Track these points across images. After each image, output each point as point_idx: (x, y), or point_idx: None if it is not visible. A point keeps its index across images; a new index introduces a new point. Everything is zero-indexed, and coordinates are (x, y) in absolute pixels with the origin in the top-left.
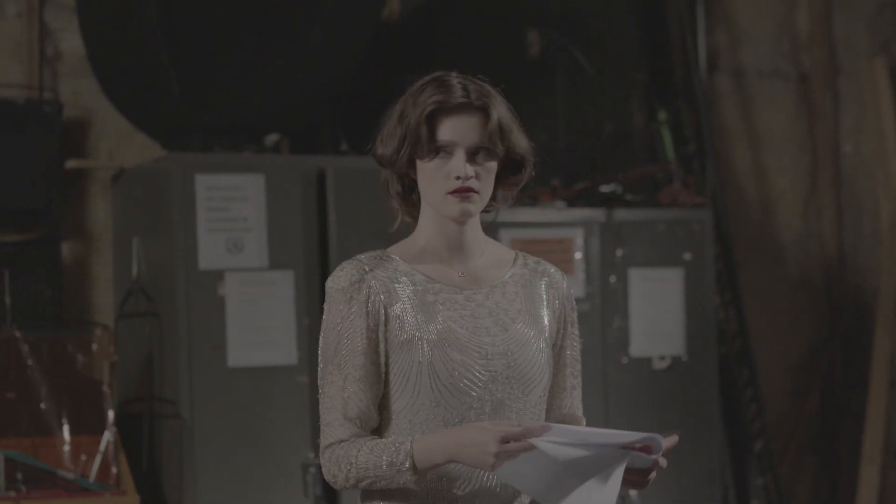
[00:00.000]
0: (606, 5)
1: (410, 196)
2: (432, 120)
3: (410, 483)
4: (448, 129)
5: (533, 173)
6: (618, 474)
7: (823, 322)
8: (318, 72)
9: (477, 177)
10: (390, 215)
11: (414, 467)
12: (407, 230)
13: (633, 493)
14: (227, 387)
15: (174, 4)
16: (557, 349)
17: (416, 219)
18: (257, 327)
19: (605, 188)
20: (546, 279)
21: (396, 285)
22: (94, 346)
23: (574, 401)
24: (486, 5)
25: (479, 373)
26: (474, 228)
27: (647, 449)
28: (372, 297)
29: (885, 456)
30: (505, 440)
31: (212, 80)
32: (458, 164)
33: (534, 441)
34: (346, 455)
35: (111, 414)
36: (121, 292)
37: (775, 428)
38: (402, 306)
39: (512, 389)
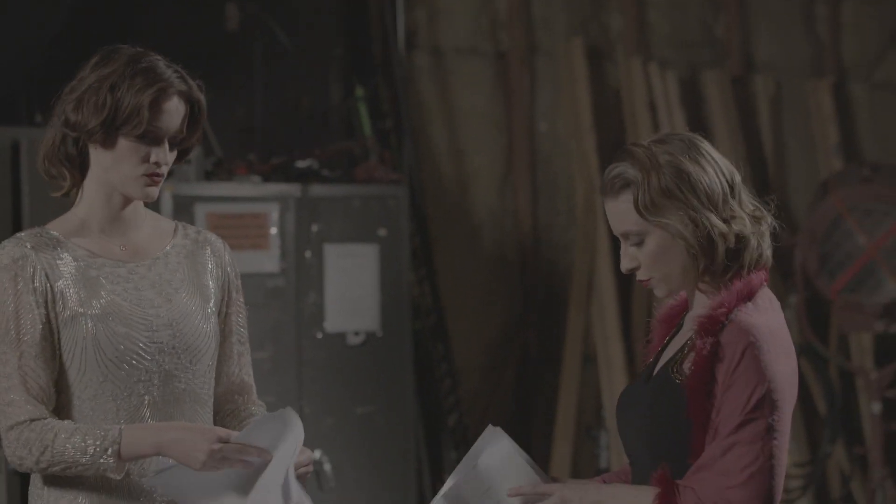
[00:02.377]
0: None
1: (78, 163)
2: (153, 105)
3: (110, 471)
4: (164, 117)
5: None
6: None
7: (518, 299)
8: (11, 44)
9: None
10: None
11: (119, 455)
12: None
13: (326, 467)
14: None
15: None
16: (223, 317)
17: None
18: None
19: (301, 163)
20: (209, 247)
21: (59, 262)
22: None
23: (243, 367)
24: None
25: (145, 345)
26: (135, 201)
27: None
28: (37, 275)
29: (577, 432)
30: (222, 440)
31: None
32: (163, 152)
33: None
34: (41, 438)
35: None
36: None
37: (470, 403)
38: (65, 282)
39: (180, 360)
